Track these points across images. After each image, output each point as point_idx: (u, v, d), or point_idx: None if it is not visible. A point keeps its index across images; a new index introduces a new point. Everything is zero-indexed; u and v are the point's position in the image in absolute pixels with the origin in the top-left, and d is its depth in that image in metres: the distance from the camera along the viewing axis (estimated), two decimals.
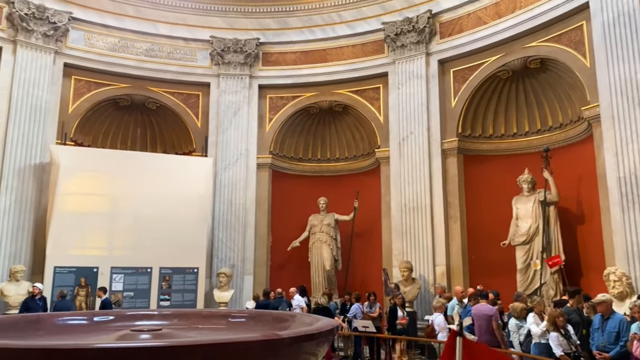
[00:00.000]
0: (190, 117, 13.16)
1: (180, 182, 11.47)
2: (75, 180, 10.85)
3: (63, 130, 11.75)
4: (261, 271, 12.60)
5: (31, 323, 3.64)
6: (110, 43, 12.50)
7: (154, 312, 4.56)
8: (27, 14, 11.22)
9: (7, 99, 10.99)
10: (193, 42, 13.16)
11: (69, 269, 10.39)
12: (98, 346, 2.11)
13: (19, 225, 10.68)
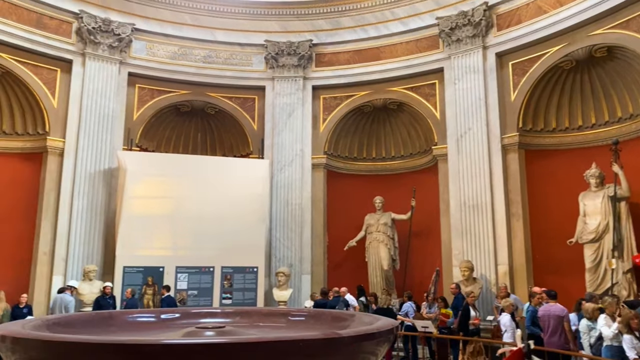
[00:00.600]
0: (246, 121, 13.47)
1: (239, 183, 11.78)
2: (141, 184, 11.38)
3: (129, 137, 12.35)
4: (319, 270, 12.70)
5: (104, 320, 3.86)
6: (171, 51, 13.01)
7: (217, 310, 4.71)
8: (94, 28, 11.88)
9: (78, 108, 11.68)
10: (248, 47, 13.46)
11: (137, 268, 10.93)
12: (166, 342, 2.22)
13: (90, 228, 11.34)
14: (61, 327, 3.30)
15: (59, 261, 11.01)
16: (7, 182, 11.22)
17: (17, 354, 2.52)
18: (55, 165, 11.47)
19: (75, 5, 11.77)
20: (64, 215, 11.20)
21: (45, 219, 11.20)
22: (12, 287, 9.96)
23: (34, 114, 11.62)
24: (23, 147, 11.65)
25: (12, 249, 10.88)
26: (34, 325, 3.15)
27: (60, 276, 10.92)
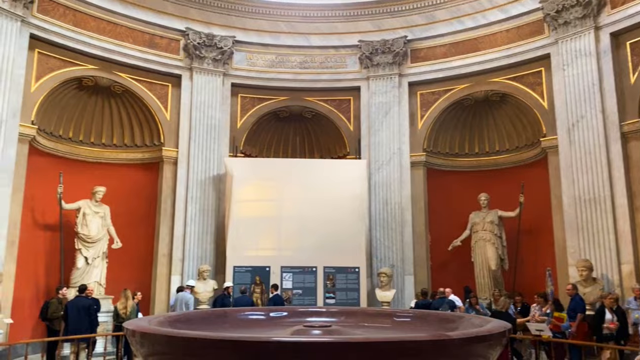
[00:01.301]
0: (342, 122, 13.60)
1: (337, 184, 11.91)
2: (246, 188, 11.95)
3: (234, 144, 13.02)
4: (422, 271, 12.45)
5: (219, 317, 4.10)
6: (269, 60, 13.51)
7: (322, 310, 4.80)
8: (199, 43, 12.68)
9: (188, 120, 12.54)
10: (342, 48, 13.58)
11: (245, 268, 11.48)
12: (279, 339, 2.30)
13: (203, 231, 12.11)
14: (181, 324, 3.55)
15: (176, 262, 11.89)
16: (130, 190, 12.34)
17: (145, 348, 2.74)
18: (170, 174, 12.41)
19: (182, 23, 12.66)
20: (180, 220, 12.08)
21: (163, 223, 12.16)
22: (136, 286, 10.90)
23: (150, 127, 12.66)
24: (142, 157, 12.75)
25: (135, 251, 11.94)
26: (159, 322, 3.41)
27: (178, 276, 11.79)
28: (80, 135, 12.25)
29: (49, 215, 11.16)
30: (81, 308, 8.72)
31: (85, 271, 10.86)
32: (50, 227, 11.22)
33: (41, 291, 11.00)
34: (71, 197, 10.99)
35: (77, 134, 12.21)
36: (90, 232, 11.06)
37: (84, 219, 11.05)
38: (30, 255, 10.79)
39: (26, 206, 10.67)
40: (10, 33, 10.04)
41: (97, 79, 11.80)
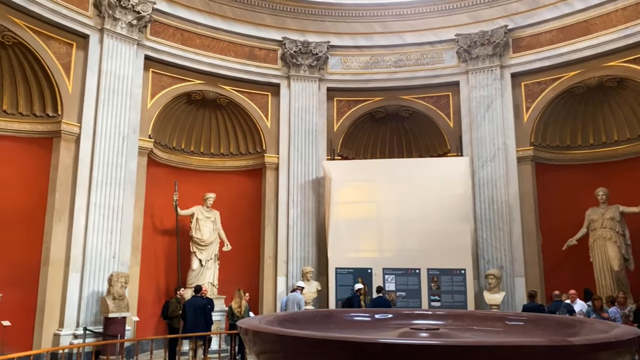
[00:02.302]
0: (442, 119, 13.23)
1: (439, 183, 11.60)
2: (345, 190, 12.05)
3: (331, 147, 13.21)
4: (533, 272, 11.71)
5: (325, 317, 4.16)
6: (363, 62, 13.54)
7: (428, 312, 4.69)
8: (296, 51, 13.04)
9: (287, 126, 12.95)
10: (439, 44, 13.23)
11: (347, 270, 11.57)
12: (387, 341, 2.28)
13: (304, 233, 12.41)
14: (289, 323, 3.65)
15: (281, 264, 12.30)
16: (236, 196, 12.99)
17: (257, 346, 2.86)
18: (273, 179, 12.88)
19: (279, 33, 13.10)
20: (282, 223, 12.49)
21: (268, 227, 12.64)
22: (245, 286, 11.43)
23: (252, 135, 13.25)
24: (247, 164, 13.37)
25: (243, 253, 12.53)
26: (268, 321, 3.54)
27: (283, 277, 12.19)
28: (191, 146, 13.14)
29: (167, 221, 12.09)
30: (197, 307, 9.31)
31: (199, 272, 11.60)
32: (168, 232, 12.16)
33: (161, 291, 11.95)
34: (185, 203, 11.82)
35: (189, 145, 13.12)
36: (203, 236, 11.79)
37: (197, 223, 11.83)
38: (152, 259, 11.76)
39: (147, 213, 11.67)
40: (128, 56, 11.05)
41: (204, 92, 12.59)
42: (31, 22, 9.75)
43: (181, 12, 12.07)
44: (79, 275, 9.84)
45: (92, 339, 9.39)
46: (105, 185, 10.32)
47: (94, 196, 10.16)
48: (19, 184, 9.82)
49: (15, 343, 8.74)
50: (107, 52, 10.71)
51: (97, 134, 10.40)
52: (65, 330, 9.55)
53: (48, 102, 10.22)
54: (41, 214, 9.89)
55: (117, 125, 10.69)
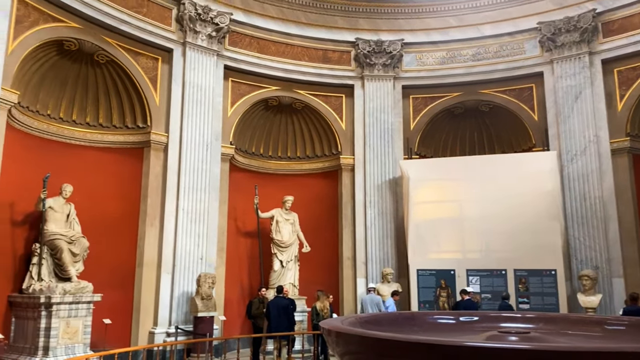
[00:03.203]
0: (524, 112, 12.60)
1: (524, 180, 11.03)
2: (424, 189, 11.80)
3: (408, 146, 13.00)
4: (635, 273, 10.80)
5: (407, 320, 4.08)
6: (439, 57, 13.21)
7: (517, 315, 4.46)
8: (369, 51, 12.98)
9: (362, 127, 12.92)
10: (519, 34, 12.61)
11: (429, 271, 11.32)
12: (476, 344, 2.19)
13: (383, 234, 12.30)
14: (371, 325, 3.62)
15: (360, 265, 12.28)
16: (313, 198, 13.15)
17: (340, 347, 2.86)
18: (349, 180, 12.90)
19: (352, 34, 13.12)
20: (360, 224, 12.47)
21: (345, 228, 12.68)
22: (325, 287, 11.54)
23: (328, 138, 13.36)
24: (322, 167, 13.51)
25: (322, 254, 12.64)
26: (350, 322, 3.54)
27: (362, 278, 12.16)
28: (269, 150, 13.50)
29: (249, 224, 12.49)
30: (280, 307, 9.52)
31: (281, 273, 11.86)
32: (250, 234, 12.56)
33: (245, 291, 12.36)
34: (265, 206, 12.14)
35: (267, 149, 13.48)
36: (283, 238, 12.05)
37: (277, 226, 12.11)
38: (235, 260, 12.20)
39: (230, 216, 12.13)
40: (209, 67, 11.56)
41: (280, 98, 12.88)
42: (121, 40, 10.47)
43: (256, 21, 12.43)
44: (170, 276, 10.42)
45: (183, 337, 9.90)
46: (191, 191, 10.86)
47: (182, 201, 10.72)
48: (115, 191, 10.57)
49: (115, 340, 9.42)
50: (190, 64, 11.27)
51: (183, 143, 10.96)
52: (159, 329, 10.14)
53: (138, 115, 10.92)
54: (135, 219, 10.58)
55: (201, 133, 11.21)
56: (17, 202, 9.08)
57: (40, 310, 8.21)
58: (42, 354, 8.02)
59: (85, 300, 8.66)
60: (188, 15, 11.23)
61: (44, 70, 9.79)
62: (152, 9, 10.93)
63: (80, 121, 10.60)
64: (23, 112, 9.42)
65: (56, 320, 8.19)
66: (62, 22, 9.51)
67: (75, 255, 9.07)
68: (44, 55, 9.58)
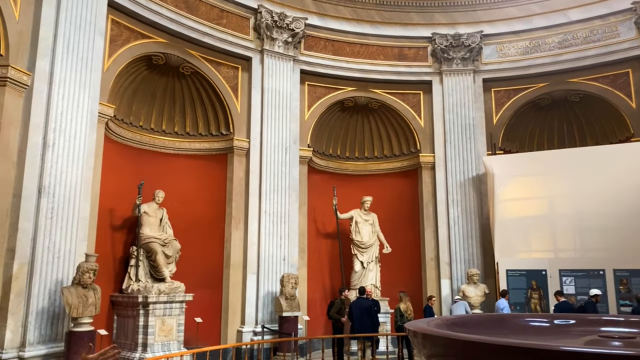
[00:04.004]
0: (621, 100, 11.69)
1: (623, 173, 10.22)
2: (510, 186, 11.28)
3: (491, 141, 12.49)
4: None
5: (496, 322, 3.91)
6: (521, 47, 12.59)
7: (620, 318, 4.12)
8: (446, 46, 12.64)
9: (442, 123, 12.59)
10: (611, 16, 11.71)
11: (519, 272, 10.77)
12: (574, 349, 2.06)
13: (467, 234, 11.90)
14: (458, 327, 3.51)
15: (444, 265, 11.96)
16: (393, 198, 13.01)
17: (427, 349, 2.80)
18: (429, 178, 12.62)
19: (428, 30, 12.85)
20: (443, 223, 12.15)
21: (427, 228, 12.41)
22: (408, 287, 11.38)
23: (406, 136, 13.16)
24: (401, 166, 13.33)
25: (403, 255, 12.47)
26: (436, 324, 3.45)
27: (447, 280, 11.84)
28: (346, 151, 13.54)
29: (328, 225, 12.60)
30: (363, 308, 9.51)
31: (362, 274, 11.84)
32: (329, 235, 12.66)
33: (327, 292, 12.47)
34: (344, 207, 12.19)
35: (344, 151, 13.53)
36: (363, 239, 12.03)
37: (356, 226, 12.11)
38: (316, 261, 12.35)
39: (310, 218, 12.30)
40: (286, 72, 11.82)
41: (356, 98, 12.88)
42: (204, 52, 10.98)
43: (331, 24, 12.52)
44: (255, 276, 10.76)
45: (269, 336, 10.17)
46: (272, 193, 11.15)
47: (264, 204, 11.04)
48: (203, 196, 11.09)
49: (206, 337, 9.89)
50: (268, 70, 11.59)
51: (264, 147, 11.29)
52: (247, 327, 10.50)
53: (222, 122, 11.39)
54: (222, 222, 11.05)
55: (280, 137, 11.48)
56: (116, 208, 9.79)
57: (138, 309, 8.79)
58: (141, 350, 8.58)
59: (178, 300, 9.15)
60: (265, 23, 11.55)
61: (135, 84, 10.49)
62: (231, 19, 11.37)
63: (169, 130, 11.25)
64: (118, 124, 10.15)
65: (153, 319, 8.72)
66: (150, 38, 10.14)
67: (168, 257, 9.63)
68: (135, 70, 10.27)
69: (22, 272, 7.33)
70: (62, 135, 7.94)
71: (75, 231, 7.94)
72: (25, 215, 7.42)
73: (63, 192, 7.84)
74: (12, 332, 7.15)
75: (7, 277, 7.22)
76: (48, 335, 7.44)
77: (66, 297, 7.24)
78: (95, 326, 7.59)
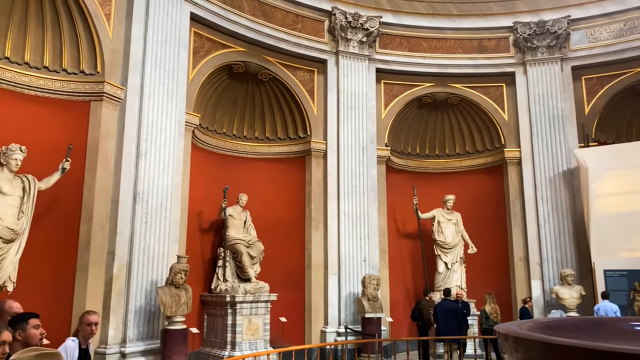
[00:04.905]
0: None
1: None
2: (606, 180, 10.48)
3: (583, 133, 11.67)
4: None
5: (595, 326, 3.63)
6: (615, 30, 11.66)
7: None
8: (530, 34, 11.99)
9: (527, 115, 11.95)
10: None
11: (619, 272, 9.96)
12: None
13: (559, 232, 11.19)
14: (552, 331, 3.30)
15: (534, 266, 11.33)
16: (476, 196, 12.53)
17: (519, 353, 2.66)
18: (515, 175, 12.03)
19: (508, 19, 12.27)
20: (531, 221, 11.52)
21: (515, 226, 11.82)
22: (495, 289, 10.92)
23: (489, 131, 12.64)
24: (485, 162, 12.81)
25: (489, 255, 11.96)
26: (529, 327, 3.26)
27: (537, 281, 11.21)
28: (425, 149, 13.25)
29: (409, 225, 12.39)
30: (448, 310, 9.25)
31: (446, 276, 11.53)
32: (410, 236, 12.44)
33: (410, 293, 12.25)
34: (425, 207, 11.92)
35: (423, 148, 13.24)
36: (446, 239, 11.70)
37: (438, 226, 11.81)
38: (398, 262, 12.18)
39: (390, 218, 12.17)
40: (361, 72, 11.80)
41: (435, 94, 12.56)
42: (281, 57, 11.23)
43: (406, 20, 12.33)
44: (336, 277, 10.81)
45: (353, 337, 10.17)
46: (351, 194, 11.15)
47: (343, 205, 11.07)
48: (283, 198, 11.33)
49: (290, 337, 10.08)
50: (343, 71, 11.63)
51: (341, 148, 11.33)
52: (330, 328, 10.57)
53: (299, 125, 11.58)
54: (302, 224, 11.23)
55: (357, 138, 11.47)
56: (204, 211, 10.26)
57: (226, 308, 9.13)
58: (230, 348, 8.90)
59: (264, 300, 9.40)
60: (339, 25, 11.60)
61: (218, 93, 10.94)
62: (306, 24, 11.53)
63: (250, 136, 11.61)
64: (203, 132, 10.63)
65: (240, 318, 9.02)
66: (230, 47, 10.53)
67: (252, 258, 9.93)
68: (217, 80, 10.71)
69: (122, 273, 7.88)
70: (153, 145, 8.46)
71: (167, 234, 8.42)
72: (122, 220, 7.98)
73: (155, 197, 8.34)
74: (114, 329, 7.70)
75: (108, 278, 7.80)
76: (145, 332, 7.94)
77: (160, 297, 7.68)
78: (187, 324, 7.98)
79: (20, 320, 3.56)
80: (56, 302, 7.23)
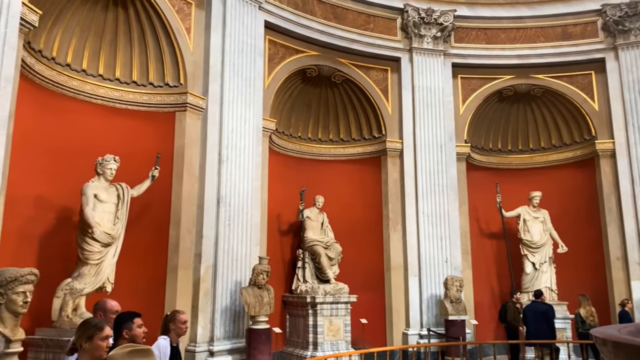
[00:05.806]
0: None
1: None
2: None
3: None
4: None
5: None
6: None
7: None
8: (621, 16, 11.11)
9: (621, 104, 11.08)
10: None
11: None
12: None
13: None
14: None
15: (634, 266, 10.48)
16: (564, 191, 11.79)
17: (619, 359, 2.49)
18: (609, 168, 11.19)
19: (596, 1, 11.46)
20: (630, 218, 10.66)
21: (610, 223, 10.99)
22: (589, 290, 10.23)
23: (577, 121, 11.87)
24: (574, 155, 12.02)
25: (582, 254, 11.18)
26: (629, 331, 3.05)
27: (638, 281, 10.36)
28: (508, 144, 12.67)
29: (492, 224, 11.90)
30: (538, 313, 8.78)
31: (534, 276, 10.94)
32: (494, 235, 11.94)
33: (496, 295, 11.76)
34: (509, 205, 11.39)
35: (505, 144, 12.68)
36: (533, 238, 11.12)
37: (524, 225, 11.25)
38: (482, 262, 11.74)
39: (471, 217, 11.75)
40: (437, 68, 11.52)
41: (516, 87, 11.98)
42: (353, 58, 11.23)
43: (482, 12, 11.88)
44: (417, 279, 10.61)
45: (435, 340, 9.94)
46: (429, 194, 10.91)
47: (421, 204, 10.85)
48: (360, 199, 11.32)
49: (371, 338, 10.03)
50: (417, 68, 11.41)
51: (417, 147, 11.12)
52: (412, 330, 10.40)
53: (373, 125, 11.52)
54: (379, 224, 11.14)
55: (434, 135, 11.20)
56: (282, 213, 10.49)
57: (307, 309, 9.27)
58: (312, 349, 9.02)
59: (343, 301, 9.43)
60: (412, 22, 11.41)
61: (293, 98, 11.15)
62: (378, 23, 11.46)
63: (325, 138, 11.72)
64: (279, 136, 10.88)
65: (321, 318, 9.12)
66: (304, 52, 10.70)
67: (331, 259, 10.01)
68: (291, 85, 10.92)
69: (208, 274, 8.25)
70: (234, 151, 8.78)
71: (249, 236, 8.71)
72: (207, 223, 8.36)
73: (237, 201, 8.66)
74: (203, 328, 8.07)
75: (196, 279, 8.19)
76: (231, 331, 8.25)
77: (244, 297, 7.94)
78: (271, 324, 8.19)
79: (126, 320, 3.76)
80: (149, 302, 7.68)
